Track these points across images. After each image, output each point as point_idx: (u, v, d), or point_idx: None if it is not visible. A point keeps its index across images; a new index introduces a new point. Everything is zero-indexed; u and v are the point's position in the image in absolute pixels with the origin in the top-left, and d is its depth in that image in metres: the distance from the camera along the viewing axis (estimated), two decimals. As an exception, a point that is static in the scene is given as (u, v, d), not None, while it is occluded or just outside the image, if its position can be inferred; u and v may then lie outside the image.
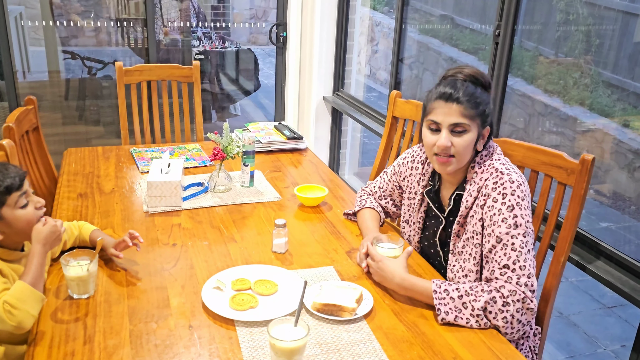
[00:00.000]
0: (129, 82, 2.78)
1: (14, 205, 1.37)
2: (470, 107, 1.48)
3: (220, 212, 1.97)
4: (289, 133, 2.66)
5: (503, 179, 1.48)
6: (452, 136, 1.50)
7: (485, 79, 1.55)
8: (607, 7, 3.64)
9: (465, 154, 1.52)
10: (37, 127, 2.29)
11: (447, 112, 1.49)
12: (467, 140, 1.50)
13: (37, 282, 1.32)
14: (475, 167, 1.55)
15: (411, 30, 5.29)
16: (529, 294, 1.39)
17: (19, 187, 1.38)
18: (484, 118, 1.52)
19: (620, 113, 3.59)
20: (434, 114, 1.52)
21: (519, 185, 1.47)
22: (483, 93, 1.53)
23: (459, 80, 1.52)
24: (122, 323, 1.36)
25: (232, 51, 5.12)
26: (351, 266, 1.66)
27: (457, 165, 1.54)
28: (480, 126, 1.52)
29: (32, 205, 1.41)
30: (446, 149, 1.50)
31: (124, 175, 2.25)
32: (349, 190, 2.23)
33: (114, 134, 4.44)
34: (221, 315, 1.38)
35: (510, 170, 1.50)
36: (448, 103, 1.49)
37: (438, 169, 1.57)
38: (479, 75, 1.54)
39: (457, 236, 1.59)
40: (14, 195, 1.37)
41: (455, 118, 1.49)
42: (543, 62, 4.15)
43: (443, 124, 1.51)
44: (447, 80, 1.54)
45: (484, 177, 1.52)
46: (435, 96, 1.52)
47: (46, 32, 4.36)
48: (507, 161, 1.55)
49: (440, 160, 1.53)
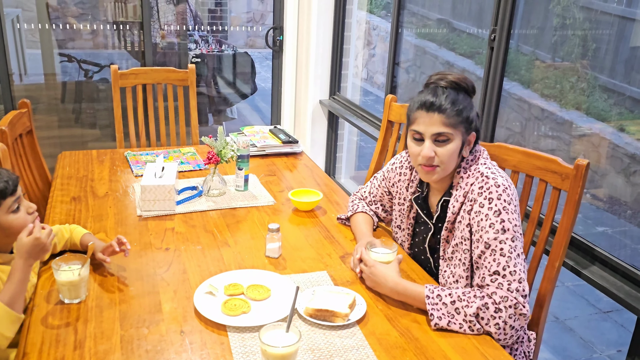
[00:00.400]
0: (125, 85, 2.77)
1: (7, 210, 1.36)
2: (453, 115, 1.47)
3: (214, 216, 1.96)
4: (284, 137, 2.66)
5: (489, 183, 1.47)
6: (435, 146, 1.49)
7: (469, 84, 1.53)
8: (603, 11, 3.65)
9: (450, 163, 1.51)
10: (31, 131, 2.28)
11: (429, 122, 1.48)
12: (451, 150, 1.49)
13: (15, 300, 1.28)
14: (461, 172, 1.54)
15: (408, 34, 5.29)
16: (521, 300, 1.38)
17: (12, 192, 1.37)
18: (467, 124, 1.50)
19: (617, 117, 3.59)
20: (417, 124, 1.51)
21: (505, 189, 1.45)
22: (465, 99, 1.51)
23: (440, 87, 1.50)
24: (113, 328, 1.35)
25: (229, 54, 5.12)
26: (345, 271, 1.65)
27: (442, 174, 1.53)
28: (465, 133, 1.51)
29: (23, 209, 1.40)
30: (430, 159, 1.50)
31: (118, 179, 2.24)
32: (343, 195, 2.22)
33: (110, 137, 4.43)
34: (213, 321, 1.37)
35: (496, 174, 1.49)
36: (430, 113, 1.48)
37: (423, 178, 1.57)
38: (462, 81, 1.52)
39: (446, 242, 1.58)
40: (7, 200, 1.36)
41: (437, 128, 1.48)
42: (540, 66, 4.15)
43: (426, 134, 1.49)
44: (429, 88, 1.53)
45: (470, 182, 1.51)
46: (417, 105, 1.51)
47: (42, 35, 4.35)
48: (494, 165, 1.54)
49: (425, 170, 1.53)
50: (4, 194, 1.35)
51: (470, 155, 1.55)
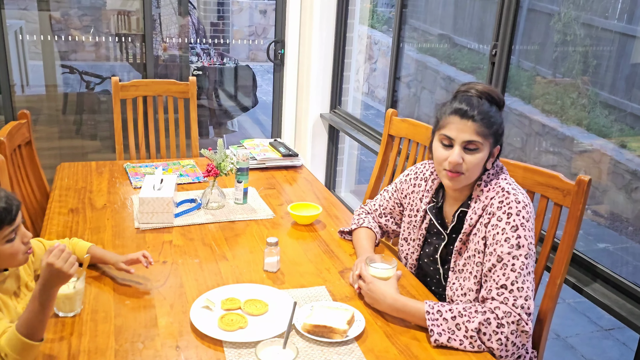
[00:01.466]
0: (125, 97, 2.77)
1: (2, 239, 1.28)
2: (485, 125, 1.47)
3: (213, 230, 1.95)
4: (284, 150, 2.65)
5: (509, 198, 1.46)
6: (464, 153, 1.49)
7: (500, 98, 1.54)
8: (604, 28, 3.66)
9: (475, 172, 1.51)
10: (30, 141, 2.27)
11: (462, 129, 1.48)
12: (479, 158, 1.49)
13: (32, 330, 1.20)
14: (481, 185, 1.53)
15: (409, 49, 5.31)
16: (525, 317, 1.36)
17: (11, 221, 1.28)
18: (496, 137, 1.51)
19: (618, 134, 3.59)
20: (448, 129, 1.50)
21: (525, 207, 1.45)
22: (497, 112, 1.52)
23: (475, 97, 1.51)
24: (108, 342, 1.33)
25: (231, 67, 5.13)
26: (344, 286, 1.63)
27: (466, 182, 1.53)
28: (492, 145, 1.51)
29: (19, 238, 1.32)
30: (457, 165, 1.49)
31: (117, 191, 2.23)
32: (343, 209, 2.21)
33: (110, 149, 4.43)
34: (209, 336, 1.35)
35: (517, 190, 1.49)
36: (463, 120, 1.48)
37: (447, 183, 1.55)
38: (494, 93, 1.53)
39: (458, 254, 1.56)
40: (4, 229, 1.27)
41: (469, 135, 1.48)
42: (540, 82, 4.16)
43: (456, 140, 1.49)
44: (463, 96, 1.52)
45: (490, 196, 1.50)
46: (451, 111, 1.50)
47: (44, 46, 4.36)
48: (514, 182, 1.54)
49: (450, 175, 1.52)
50: (1, 223, 1.26)
51: (491, 169, 1.55)
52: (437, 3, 5.33)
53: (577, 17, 3.68)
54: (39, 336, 1.21)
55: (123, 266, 1.57)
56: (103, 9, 4.55)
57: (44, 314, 1.21)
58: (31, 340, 1.19)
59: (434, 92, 5.45)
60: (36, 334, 1.21)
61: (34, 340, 1.20)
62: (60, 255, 1.20)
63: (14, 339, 1.20)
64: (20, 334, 1.19)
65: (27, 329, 1.20)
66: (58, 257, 1.20)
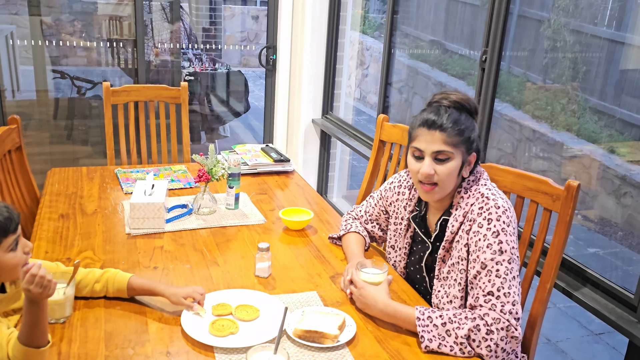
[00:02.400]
0: (117, 102, 2.76)
1: (6, 249, 1.28)
2: (454, 134, 1.48)
3: (204, 235, 1.95)
4: (276, 155, 2.65)
5: (489, 204, 1.47)
6: (435, 164, 1.49)
7: (472, 105, 1.54)
8: (593, 35, 3.70)
9: (449, 182, 1.51)
10: (20, 147, 2.26)
11: (430, 140, 1.49)
12: (450, 168, 1.49)
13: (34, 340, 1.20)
14: (461, 192, 1.54)
15: (401, 55, 5.34)
16: (514, 322, 1.37)
17: (14, 230, 1.29)
18: (468, 145, 1.51)
19: (607, 139, 3.62)
20: (418, 141, 1.51)
21: (505, 211, 1.46)
22: (468, 119, 1.52)
23: (443, 106, 1.51)
24: (98, 349, 1.32)
25: (223, 73, 5.13)
26: (335, 291, 1.63)
27: (441, 193, 1.53)
28: (465, 153, 1.51)
29: (20, 248, 1.32)
30: (429, 176, 1.49)
31: (108, 196, 2.22)
32: (335, 214, 2.21)
33: (101, 154, 4.41)
34: (200, 342, 1.34)
35: (496, 195, 1.49)
36: (431, 130, 1.48)
37: (422, 196, 1.57)
38: (465, 101, 1.53)
39: (442, 261, 1.57)
40: (9, 238, 1.28)
41: (437, 146, 1.48)
42: (531, 88, 4.19)
43: (426, 152, 1.50)
44: (432, 107, 1.53)
45: (470, 202, 1.51)
46: (419, 123, 1.51)
47: (35, 51, 4.35)
48: (494, 187, 1.54)
49: (425, 189, 1.53)
50: (6, 232, 1.27)
51: (471, 175, 1.55)
52: (429, 9, 5.37)
53: (566, 24, 3.71)
54: (41, 343, 1.21)
55: (184, 301, 1.45)
56: (94, 14, 4.54)
57: (38, 325, 1.20)
58: (34, 348, 1.20)
59: (425, 98, 5.47)
60: (38, 342, 1.20)
61: (38, 347, 1.20)
62: (33, 281, 1.17)
63: (18, 349, 1.20)
64: (22, 343, 1.20)
65: (26, 339, 1.20)
66: (32, 282, 1.17)
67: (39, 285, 1.18)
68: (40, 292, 1.18)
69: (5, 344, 1.22)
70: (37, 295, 1.18)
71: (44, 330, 1.22)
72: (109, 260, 1.73)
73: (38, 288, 1.18)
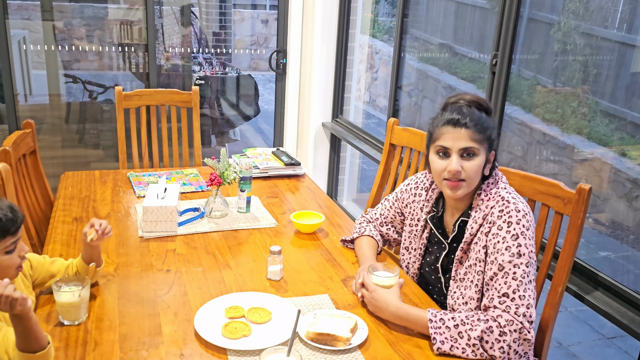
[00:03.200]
0: (129, 106, 2.79)
1: (2, 250, 1.28)
2: (479, 131, 1.50)
3: (216, 238, 1.96)
4: (287, 159, 2.67)
5: (509, 207, 1.48)
6: (462, 160, 1.51)
7: (487, 105, 1.58)
8: (604, 37, 3.68)
9: (475, 178, 1.53)
10: (35, 151, 2.29)
11: (457, 137, 1.50)
12: (477, 164, 1.51)
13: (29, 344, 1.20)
14: (481, 194, 1.55)
15: (410, 58, 5.34)
16: (527, 325, 1.37)
17: (15, 232, 1.29)
18: (490, 142, 1.54)
19: (618, 142, 3.60)
20: (443, 140, 1.52)
21: (525, 215, 1.47)
22: (488, 118, 1.55)
23: (464, 106, 1.55)
24: (113, 351, 1.34)
25: (233, 77, 5.16)
26: (346, 294, 1.64)
27: (467, 189, 1.54)
28: (487, 150, 1.53)
29: (17, 252, 1.32)
30: (457, 173, 1.51)
31: (120, 200, 2.25)
32: (346, 217, 2.22)
33: (113, 158, 4.45)
34: (213, 344, 1.36)
35: (517, 199, 1.50)
36: (457, 128, 1.50)
37: (448, 194, 1.56)
38: (482, 101, 1.57)
39: (459, 263, 1.57)
40: (7, 239, 1.28)
41: (465, 142, 1.50)
42: (541, 91, 4.18)
43: (453, 149, 1.51)
44: (452, 107, 1.56)
45: (490, 205, 1.52)
46: (443, 122, 1.53)
47: (48, 56, 4.40)
48: (513, 190, 1.56)
49: (451, 185, 1.53)
50: (6, 232, 1.27)
51: (490, 178, 1.57)
52: (438, 13, 5.37)
53: (576, 27, 3.70)
54: (40, 346, 1.21)
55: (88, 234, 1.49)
56: (106, 19, 4.59)
57: (29, 333, 1.19)
58: (32, 352, 1.20)
59: (435, 101, 5.47)
60: (36, 346, 1.20)
61: (38, 350, 1.20)
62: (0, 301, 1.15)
63: (20, 356, 1.20)
64: (20, 350, 1.20)
65: (23, 346, 1.20)
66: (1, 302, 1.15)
67: (5, 303, 1.14)
68: (8, 309, 1.15)
69: (11, 350, 1.22)
70: (9, 312, 1.16)
71: (37, 336, 1.20)
72: (122, 263, 1.74)
73: (6, 306, 1.15)
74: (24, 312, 1.17)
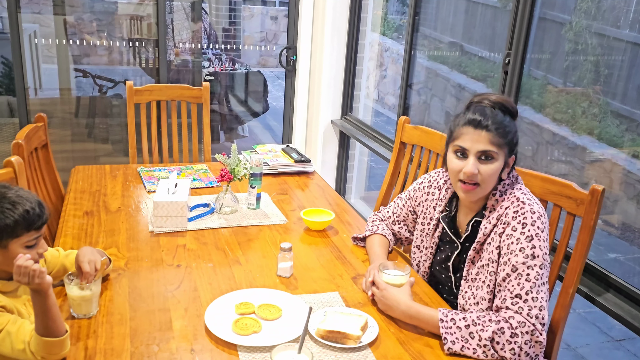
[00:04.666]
0: (139, 101, 2.79)
1: (24, 243, 1.29)
2: (499, 135, 1.48)
3: (226, 234, 1.96)
4: (297, 156, 2.66)
5: (524, 208, 1.47)
6: (479, 163, 1.49)
7: (513, 107, 1.55)
8: (616, 37, 3.66)
9: (490, 182, 1.51)
10: (46, 144, 2.30)
11: (476, 139, 1.48)
12: (494, 169, 1.49)
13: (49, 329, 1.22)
14: (496, 194, 1.54)
15: (420, 57, 5.32)
16: (539, 327, 1.36)
17: (39, 227, 1.31)
18: (511, 147, 1.52)
19: (630, 143, 3.58)
20: (462, 140, 1.51)
21: (540, 217, 1.46)
22: (511, 122, 1.52)
23: (488, 107, 1.52)
24: (124, 345, 1.34)
25: (242, 73, 5.16)
26: (356, 292, 1.64)
27: (481, 193, 1.53)
28: (507, 155, 1.51)
29: (36, 248, 1.33)
30: (472, 176, 1.49)
31: (131, 194, 2.25)
32: (355, 215, 2.22)
33: (122, 152, 4.46)
34: (224, 340, 1.36)
35: (532, 201, 1.49)
36: (477, 130, 1.48)
37: (462, 196, 1.55)
38: (507, 103, 1.54)
39: (471, 263, 1.57)
40: (31, 232, 1.30)
41: (483, 145, 1.48)
42: (551, 90, 4.15)
43: (471, 151, 1.49)
44: (476, 107, 1.53)
45: (505, 206, 1.51)
46: (464, 122, 1.51)
47: (59, 50, 4.41)
48: (529, 192, 1.54)
49: (465, 188, 1.52)
50: (30, 226, 1.28)
51: (507, 179, 1.55)
52: (448, 11, 5.34)
53: (588, 27, 3.68)
54: (57, 332, 1.23)
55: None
56: (116, 14, 4.60)
57: (47, 314, 1.21)
58: (52, 338, 1.22)
59: (444, 100, 5.46)
60: (55, 331, 1.22)
61: (57, 336, 1.23)
62: (20, 272, 1.19)
63: (39, 342, 1.22)
64: (39, 334, 1.22)
65: (41, 329, 1.22)
66: (19, 274, 1.20)
67: (25, 275, 1.19)
68: (27, 281, 1.19)
69: (29, 337, 1.24)
70: (28, 285, 1.20)
71: (56, 319, 1.23)
72: (132, 258, 1.75)
73: (25, 278, 1.19)
74: (42, 287, 1.20)
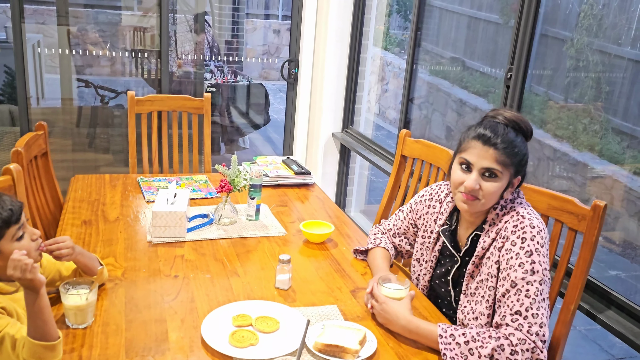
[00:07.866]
0: (140, 111, 2.79)
1: (11, 239, 1.31)
2: (507, 154, 1.45)
3: (225, 245, 1.95)
4: (297, 168, 2.66)
5: (524, 223, 1.45)
6: (481, 179, 1.47)
7: (528, 127, 1.51)
8: (617, 55, 3.67)
9: (491, 200, 1.49)
10: (46, 153, 2.30)
11: (483, 155, 1.46)
12: (496, 187, 1.47)
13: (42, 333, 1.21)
14: (497, 209, 1.52)
15: (421, 71, 5.34)
16: (540, 344, 1.34)
17: (16, 220, 1.32)
18: (518, 168, 1.49)
19: (631, 160, 3.57)
20: (468, 153, 1.49)
21: (540, 232, 1.44)
22: (522, 142, 1.49)
23: (501, 124, 1.49)
24: (119, 356, 1.32)
25: (244, 85, 5.17)
26: (355, 306, 1.62)
27: (481, 208, 1.51)
28: (512, 175, 1.49)
29: (27, 237, 1.35)
30: (473, 190, 1.47)
31: (130, 204, 2.24)
32: (355, 228, 2.20)
33: (122, 163, 4.46)
34: (220, 352, 1.34)
35: (532, 215, 1.47)
36: (485, 146, 1.46)
37: (461, 207, 1.53)
38: (522, 122, 1.50)
39: (470, 277, 1.55)
40: (12, 228, 1.31)
41: (488, 162, 1.46)
42: (553, 106, 4.15)
43: (475, 166, 1.48)
44: (489, 122, 1.50)
45: (505, 220, 1.49)
46: (474, 135, 1.49)
47: (62, 60, 4.43)
48: (530, 206, 1.53)
49: (465, 198, 1.50)
50: (8, 223, 1.30)
51: (508, 195, 1.53)
52: (450, 27, 5.37)
53: (590, 44, 3.69)
54: (51, 336, 1.23)
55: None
56: (119, 25, 4.62)
57: (40, 316, 1.21)
58: (44, 342, 1.21)
59: (445, 115, 5.46)
60: (47, 334, 1.22)
61: (49, 340, 1.22)
62: (13, 265, 1.21)
63: (30, 345, 1.21)
64: (31, 337, 1.21)
65: (34, 332, 1.21)
66: (12, 267, 1.21)
67: (17, 268, 1.19)
68: (20, 275, 1.19)
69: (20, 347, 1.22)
70: (19, 280, 1.20)
71: (48, 322, 1.22)
72: (130, 267, 1.73)
73: (17, 272, 1.19)
74: (35, 284, 1.20)
